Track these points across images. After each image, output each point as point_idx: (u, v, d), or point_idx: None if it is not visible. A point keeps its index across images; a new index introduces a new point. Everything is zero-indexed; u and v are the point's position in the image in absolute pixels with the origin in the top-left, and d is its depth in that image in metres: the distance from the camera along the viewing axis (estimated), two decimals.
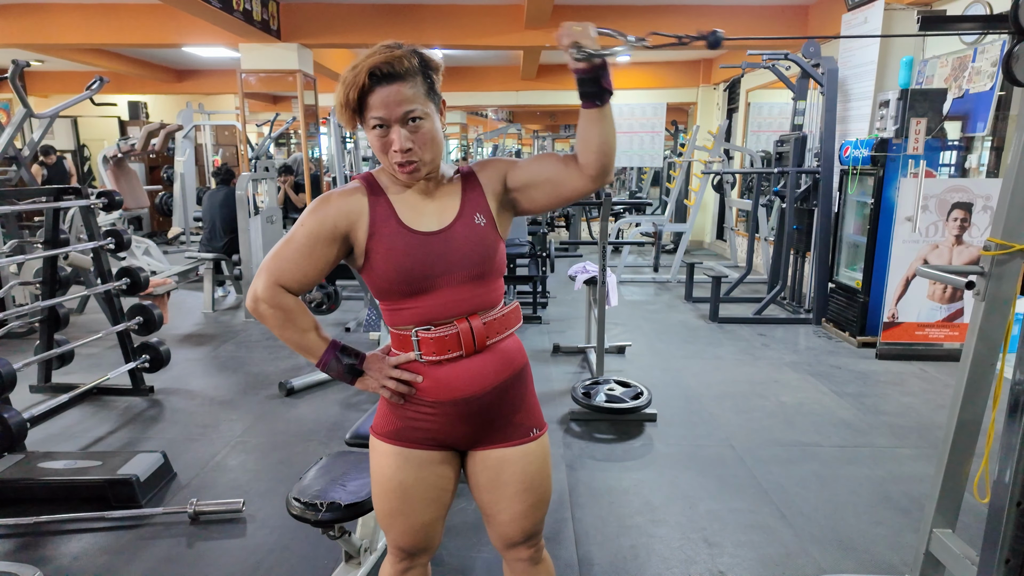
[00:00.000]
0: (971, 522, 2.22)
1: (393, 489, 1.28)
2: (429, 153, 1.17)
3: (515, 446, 1.31)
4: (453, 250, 1.20)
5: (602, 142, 1.19)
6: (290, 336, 1.23)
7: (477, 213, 1.24)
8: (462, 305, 1.22)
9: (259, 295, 1.19)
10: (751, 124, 8.43)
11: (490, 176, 1.28)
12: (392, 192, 1.23)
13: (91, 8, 6.41)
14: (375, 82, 1.11)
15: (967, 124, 4.31)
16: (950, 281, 1.60)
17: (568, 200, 1.29)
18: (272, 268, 1.19)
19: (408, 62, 1.12)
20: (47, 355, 3.39)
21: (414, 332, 1.22)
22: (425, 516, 1.30)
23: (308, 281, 1.22)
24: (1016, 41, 1.42)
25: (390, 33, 6.61)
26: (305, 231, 1.19)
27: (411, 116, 1.13)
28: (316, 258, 1.20)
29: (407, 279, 1.19)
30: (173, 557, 2.18)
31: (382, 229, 1.19)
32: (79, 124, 11.44)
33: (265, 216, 5.53)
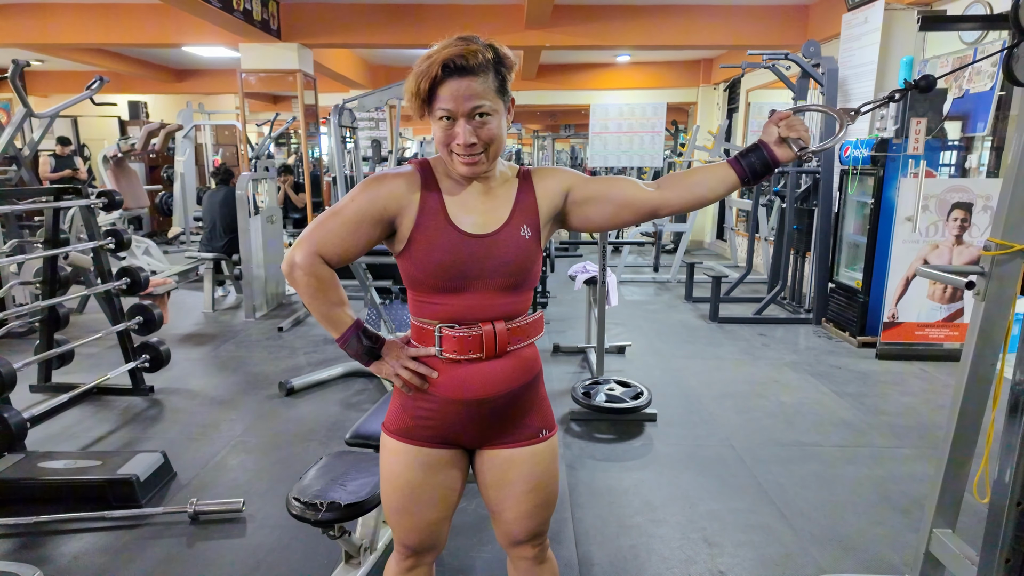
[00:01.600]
0: (971, 522, 2.22)
1: (401, 487, 1.28)
2: (491, 151, 1.18)
3: (524, 447, 1.30)
4: (493, 256, 1.20)
5: (707, 198, 1.27)
6: (319, 307, 1.22)
7: (525, 224, 1.23)
8: (490, 310, 1.22)
9: (297, 261, 1.18)
10: (751, 124, 8.43)
11: (549, 187, 1.28)
12: (445, 186, 1.22)
13: (91, 8, 6.41)
14: (447, 74, 1.10)
15: (967, 124, 4.31)
16: (950, 281, 1.60)
17: (624, 222, 1.33)
18: (315, 238, 1.19)
19: (482, 56, 1.12)
20: (47, 355, 3.39)
21: (438, 328, 1.21)
22: (432, 515, 1.30)
23: (348, 256, 1.21)
24: (1016, 41, 1.42)
25: (390, 33, 6.62)
26: (355, 207, 1.18)
27: (479, 111, 1.13)
28: (360, 235, 1.20)
29: (443, 275, 1.18)
30: (173, 557, 2.18)
31: (428, 221, 1.19)
32: (79, 124, 11.44)
33: (265, 216, 5.53)
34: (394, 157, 7.33)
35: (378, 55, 9.51)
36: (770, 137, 1.25)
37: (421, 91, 1.13)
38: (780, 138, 1.24)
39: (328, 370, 3.88)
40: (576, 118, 16.73)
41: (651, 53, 9.12)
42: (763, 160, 1.25)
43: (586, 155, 15.96)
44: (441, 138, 1.16)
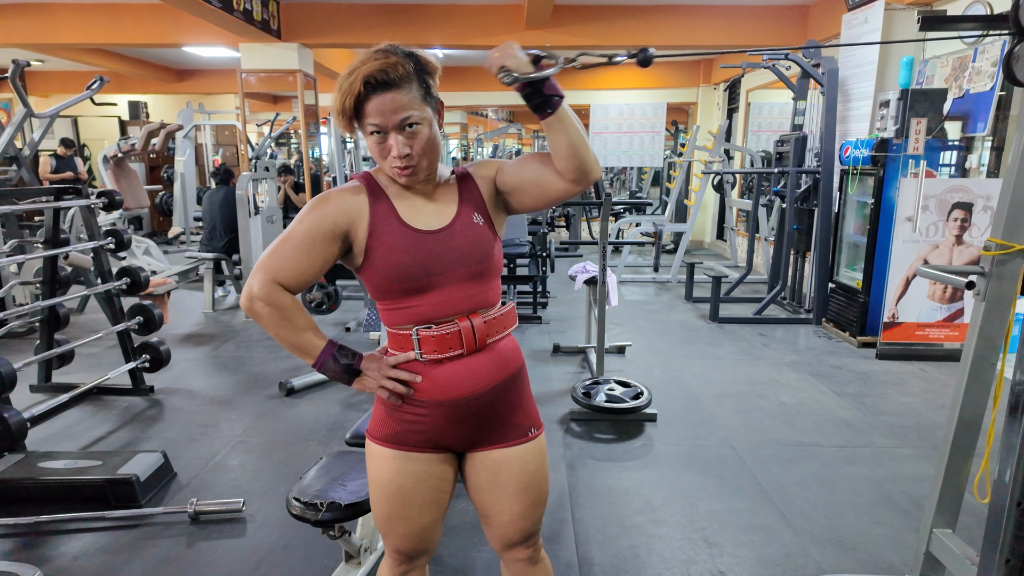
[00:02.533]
0: (971, 522, 2.22)
1: (392, 493, 1.28)
2: (427, 158, 1.18)
3: (513, 446, 1.31)
4: (452, 248, 1.21)
5: (569, 145, 1.19)
6: (286, 336, 1.21)
7: (475, 212, 1.25)
8: (461, 303, 1.22)
9: (255, 293, 1.18)
10: (751, 124, 8.43)
11: (484, 177, 1.30)
12: (392, 192, 1.23)
13: (91, 8, 6.41)
14: (370, 90, 1.11)
15: (967, 124, 4.31)
16: (950, 281, 1.60)
17: (555, 202, 1.30)
18: (269, 265, 1.18)
19: (403, 68, 1.12)
20: (47, 355, 3.39)
21: (415, 331, 1.22)
22: (424, 519, 1.30)
23: (305, 280, 1.20)
24: (1017, 41, 1.42)
25: (390, 33, 6.61)
26: (304, 228, 1.18)
27: (408, 122, 1.14)
28: (315, 256, 1.19)
29: (407, 277, 1.19)
30: (173, 557, 2.18)
31: (382, 228, 1.19)
32: (79, 124, 11.45)
33: (265, 216, 5.53)
34: None
35: None
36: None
37: (347, 108, 1.13)
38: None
39: None
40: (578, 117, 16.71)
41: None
42: (522, 95, 1.21)
43: None
44: (377, 152, 1.18)
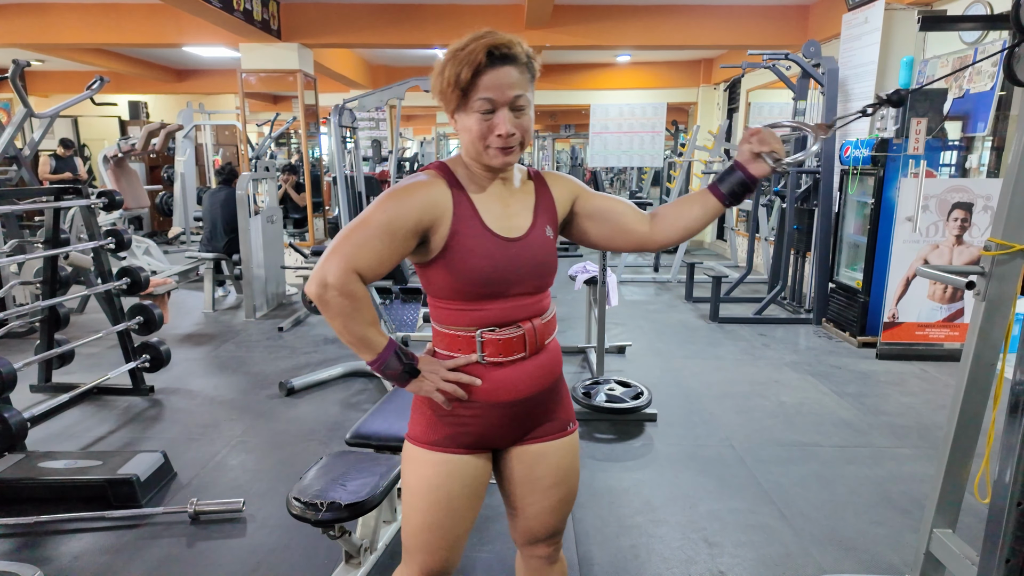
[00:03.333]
0: (971, 522, 2.22)
1: (438, 499, 1.23)
2: (525, 143, 1.16)
3: (552, 440, 1.30)
4: (527, 259, 1.19)
5: (695, 229, 1.28)
6: (354, 328, 1.13)
7: (548, 226, 1.24)
8: (524, 311, 1.21)
9: (330, 281, 1.08)
10: (751, 124, 8.42)
11: (562, 192, 1.29)
12: (471, 188, 1.18)
13: (91, 8, 6.41)
14: (491, 62, 1.08)
15: (967, 124, 4.31)
16: (950, 281, 1.60)
17: (615, 248, 1.33)
18: (348, 253, 1.09)
19: (521, 48, 1.12)
20: (47, 355, 3.39)
21: (479, 333, 1.18)
22: (461, 528, 1.28)
23: (382, 271, 1.13)
24: (1017, 41, 1.42)
25: (390, 33, 6.62)
26: (386, 218, 1.10)
27: (518, 102, 1.11)
28: (394, 249, 1.12)
29: (485, 282, 1.15)
30: (173, 557, 2.18)
31: (465, 228, 1.14)
32: (79, 124, 11.45)
33: (265, 216, 5.53)
34: (394, 157, 7.33)
35: (378, 55, 9.51)
36: (744, 156, 1.24)
37: (462, 79, 1.08)
38: (754, 154, 1.23)
39: (328, 370, 3.88)
40: (576, 118, 16.73)
41: (651, 53, 9.12)
42: (740, 181, 1.25)
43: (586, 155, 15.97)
44: (479, 131, 1.11)
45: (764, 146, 1.22)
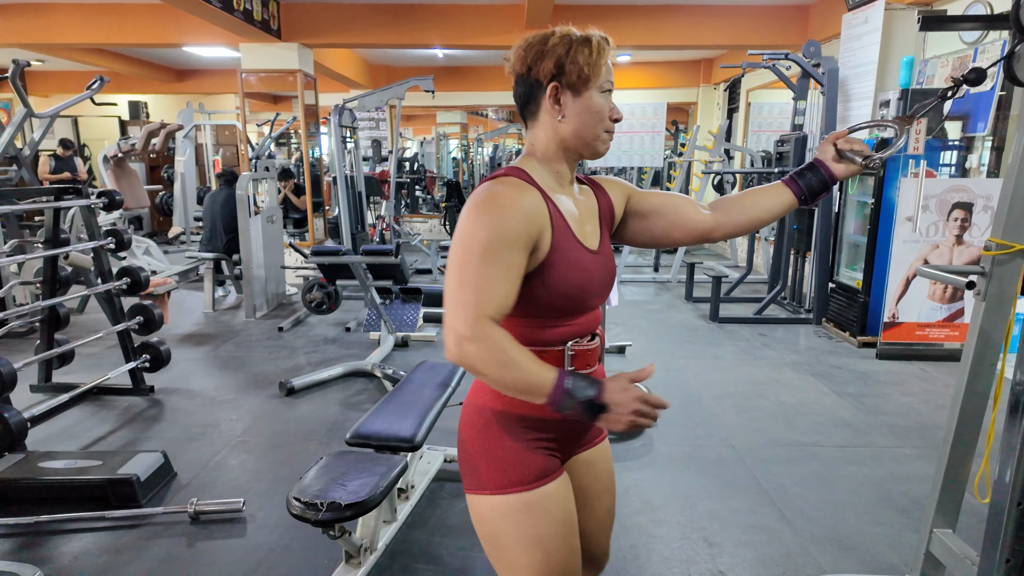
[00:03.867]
0: (971, 522, 2.22)
1: (571, 528, 1.14)
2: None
3: (595, 446, 1.28)
4: (606, 271, 1.17)
5: (765, 221, 1.27)
6: (510, 377, 0.96)
7: (608, 235, 1.23)
8: (597, 321, 1.20)
9: (464, 334, 0.95)
10: (751, 124, 8.42)
11: (619, 196, 1.26)
12: (554, 197, 1.11)
13: (91, 8, 6.41)
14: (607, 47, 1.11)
15: (968, 124, 4.31)
16: (951, 281, 1.60)
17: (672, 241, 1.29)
18: (471, 300, 0.96)
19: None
20: (47, 355, 3.39)
21: (569, 346, 1.12)
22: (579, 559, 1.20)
23: (510, 304, 1.00)
24: (1017, 41, 1.42)
25: (390, 33, 6.62)
26: (494, 246, 0.98)
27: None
28: (514, 273, 1.00)
29: (579, 297, 1.10)
30: (173, 557, 2.18)
31: (563, 242, 1.08)
32: (79, 124, 11.44)
33: (265, 216, 5.53)
34: (394, 157, 7.33)
35: (378, 55, 9.51)
36: (826, 155, 1.25)
37: (599, 62, 1.08)
38: (838, 155, 1.24)
39: (328, 370, 3.88)
40: None
41: (651, 53, 9.12)
42: (820, 178, 1.25)
43: None
44: (598, 114, 1.09)
45: (853, 145, 1.23)
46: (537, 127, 1.12)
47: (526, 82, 1.10)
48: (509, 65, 1.13)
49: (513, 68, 1.12)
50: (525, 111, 1.13)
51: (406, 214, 12.02)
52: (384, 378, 3.76)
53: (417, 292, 5.08)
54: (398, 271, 4.07)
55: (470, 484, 1.15)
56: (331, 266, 4.09)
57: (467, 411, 1.17)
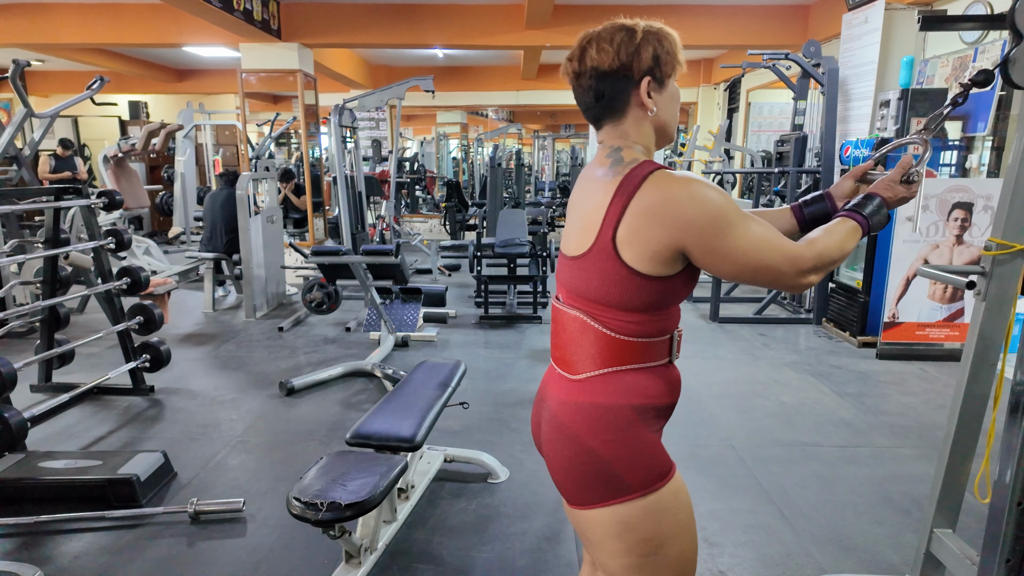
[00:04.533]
0: (972, 522, 2.22)
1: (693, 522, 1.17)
2: None
3: None
4: None
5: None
6: (842, 248, 1.12)
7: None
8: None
9: (801, 270, 1.06)
10: (751, 124, 8.43)
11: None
12: None
13: (91, 8, 6.42)
14: None
15: (968, 124, 4.31)
16: (951, 281, 1.60)
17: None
18: (775, 244, 1.05)
19: None
20: (47, 355, 3.39)
21: (675, 332, 1.14)
22: None
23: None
24: (1014, 45, 1.43)
25: (390, 33, 6.62)
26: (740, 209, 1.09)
27: None
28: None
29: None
30: (173, 557, 2.18)
31: None
32: (80, 124, 11.45)
33: (265, 216, 5.53)
34: (394, 157, 7.33)
35: (378, 55, 9.51)
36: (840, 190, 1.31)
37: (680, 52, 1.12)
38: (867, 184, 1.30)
39: (328, 370, 3.88)
40: (576, 118, 16.74)
41: None
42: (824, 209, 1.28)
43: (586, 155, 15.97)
44: (679, 99, 1.15)
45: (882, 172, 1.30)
46: (626, 123, 1.11)
47: (614, 78, 1.07)
48: (582, 64, 1.09)
49: (595, 66, 1.07)
50: (607, 108, 1.11)
51: (406, 214, 12.04)
52: (384, 378, 3.76)
53: (417, 292, 5.09)
54: (398, 271, 4.07)
55: (607, 494, 1.08)
56: (331, 266, 4.09)
57: (593, 417, 1.09)
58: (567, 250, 1.15)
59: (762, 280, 1.07)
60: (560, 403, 1.13)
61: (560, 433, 1.12)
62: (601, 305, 1.08)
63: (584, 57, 1.08)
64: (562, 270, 1.17)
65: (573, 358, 1.13)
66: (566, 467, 1.12)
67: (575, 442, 1.10)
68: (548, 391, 1.19)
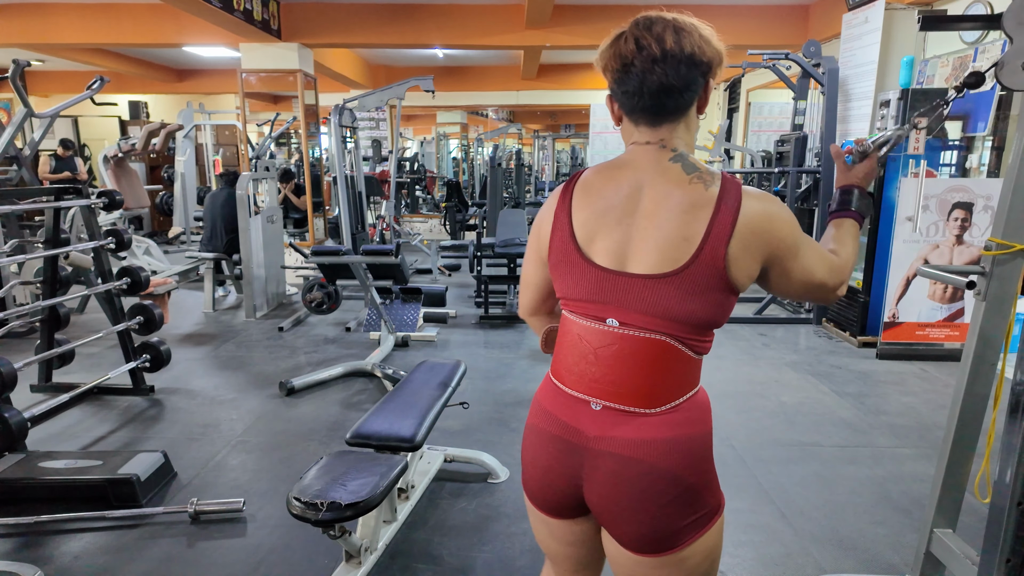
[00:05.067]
0: (972, 522, 2.22)
1: None
2: None
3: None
4: None
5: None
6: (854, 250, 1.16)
7: None
8: None
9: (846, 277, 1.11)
10: (752, 124, 8.43)
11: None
12: None
13: (91, 8, 6.42)
14: None
15: (968, 124, 4.31)
16: (951, 281, 1.60)
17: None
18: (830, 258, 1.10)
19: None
20: (48, 355, 3.39)
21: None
22: None
23: None
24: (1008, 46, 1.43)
25: (390, 33, 6.62)
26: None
27: None
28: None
29: None
30: (173, 557, 2.18)
31: None
32: (80, 124, 11.45)
33: (265, 216, 5.53)
34: (394, 157, 7.33)
35: (378, 55, 9.51)
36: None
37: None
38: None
39: (328, 370, 3.88)
40: (576, 118, 16.74)
41: None
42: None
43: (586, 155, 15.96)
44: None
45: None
46: (679, 127, 1.04)
47: (697, 70, 1.00)
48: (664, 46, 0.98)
49: (688, 52, 0.99)
50: (680, 103, 1.02)
51: (406, 214, 12.04)
52: (384, 378, 3.76)
53: (417, 292, 5.08)
54: (398, 271, 4.07)
55: (700, 525, 1.03)
56: (331, 266, 4.09)
57: (690, 450, 1.01)
58: (636, 267, 0.99)
59: (813, 296, 1.10)
60: (640, 444, 1.00)
61: (651, 479, 1.00)
62: (692, 326, 1.00)
63: (665, 38, 0.98)
64: (622, 290, 1.00)
65: (650, 390, 1.00)
66: (661, 514, 1.00)
67: (675, 484, 1.00)
68: (600, 432, 1.02)
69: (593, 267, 1.02)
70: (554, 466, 1.07)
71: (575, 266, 1.04)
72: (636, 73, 0.99)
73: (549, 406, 1.09)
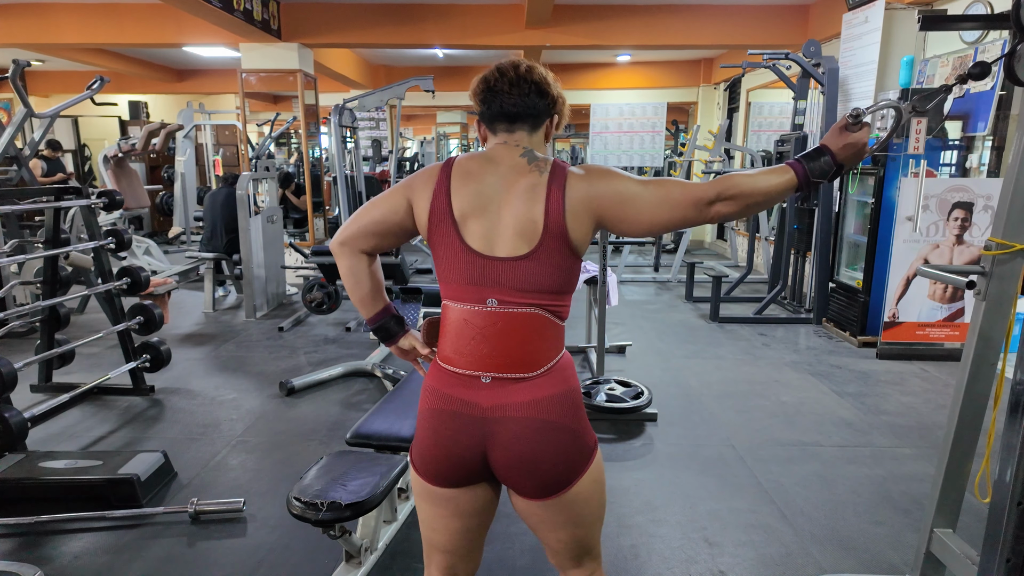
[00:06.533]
0: (972, 522, 2.22)
1: None
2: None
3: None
4: None
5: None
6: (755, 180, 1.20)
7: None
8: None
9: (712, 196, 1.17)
10: (752, 124, 8.42)
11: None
12: None
13: (91, 8, 6.41)
14: None
15: (968, 124, 4.30)
16: (951, 281, 1.60)
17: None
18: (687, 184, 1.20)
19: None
20: (48, 355, 3.39)
21: None
22: None
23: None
24: (1017, 40, 1.42)
25: (390, 33, 6.62)
26: None
27: None
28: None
29: None
30: (174, 557, 2.18)
31: None
32: (80, 124, 11.43)
33: (265, 216, 5.53)
34: (394, 157, 7.33)
35: (378, 55, 9.51)
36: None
37: None
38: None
39: (328, 370, 3.88)
40: (576, 118, 16.70)
41: (651, 53, 9.12)
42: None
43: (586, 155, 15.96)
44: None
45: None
46: (532, 136, 1.26)
47: (543, 100, 1.24)
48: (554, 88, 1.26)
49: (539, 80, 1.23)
50: (528, 115, 1.24)
51: None
52: (384, 378, 3.76)
53: (417, 292, 5.08)
54: (398, 271, 4.07)
55: (583, 462, 1.22)
56: (331, 266, 4.09)
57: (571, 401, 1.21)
58: (503, 251, 1.17)
59: (675, 220, 1.17)
60: (530, 404, 1.17)
61: (545, 432, 1.18)
62: (554, 294, 1.18)
63: (519, 68, 1.22)
64: (495, 272, 1.17)
65: (530, 356, 1.18)
66: (558, 459, 1.19)
67: (566, 432, 1.20)
68: (494, 401, 1.18)
69: (469, 252, 1.18)
70: (459, 439, 1.20)
71: (453, 249, 1.19)
72: (497, 91, 1.21)
73: (442, 388, 1.22)
